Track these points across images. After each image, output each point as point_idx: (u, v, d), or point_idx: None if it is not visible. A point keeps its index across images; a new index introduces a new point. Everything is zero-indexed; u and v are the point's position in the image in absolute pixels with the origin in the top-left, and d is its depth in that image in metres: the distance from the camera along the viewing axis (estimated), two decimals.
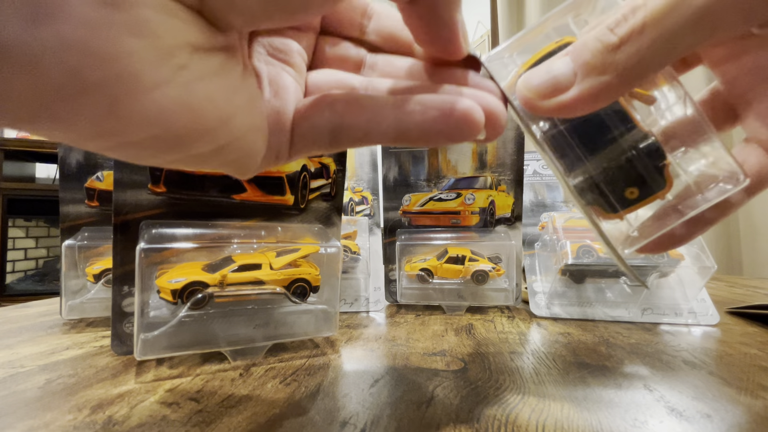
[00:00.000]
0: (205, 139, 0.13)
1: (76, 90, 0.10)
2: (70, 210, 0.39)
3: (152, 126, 0.11)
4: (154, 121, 0.11)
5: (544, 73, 0.15)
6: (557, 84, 0.15)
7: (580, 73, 0.14)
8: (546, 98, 0.15)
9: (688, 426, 0.20)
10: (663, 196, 0.17)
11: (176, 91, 0.11)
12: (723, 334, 0.36)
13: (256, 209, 0.32)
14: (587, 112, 0.15)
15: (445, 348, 0.32)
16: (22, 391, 0.24)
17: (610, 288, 0.44)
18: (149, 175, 0.29)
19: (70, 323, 0.40)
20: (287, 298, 0.31)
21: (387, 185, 0.51)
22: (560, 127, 0.17)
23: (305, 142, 0.15)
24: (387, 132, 0.14)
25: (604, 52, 0.14)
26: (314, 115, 0.15)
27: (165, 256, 0.28)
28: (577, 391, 0.24)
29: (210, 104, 0.12)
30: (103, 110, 0.10)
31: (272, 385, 0.25)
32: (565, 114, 0.15)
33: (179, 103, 0.11)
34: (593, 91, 0.14)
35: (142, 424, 0.20)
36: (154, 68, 0.10)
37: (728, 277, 0.85)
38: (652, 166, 0.17)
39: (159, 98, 0.11)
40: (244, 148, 0.14)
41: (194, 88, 0.12)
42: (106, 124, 0.11)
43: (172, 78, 0.11)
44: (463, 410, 0.21)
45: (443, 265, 0.47)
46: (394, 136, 0.15)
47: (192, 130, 0.12)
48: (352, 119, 0.15)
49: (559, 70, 0.15)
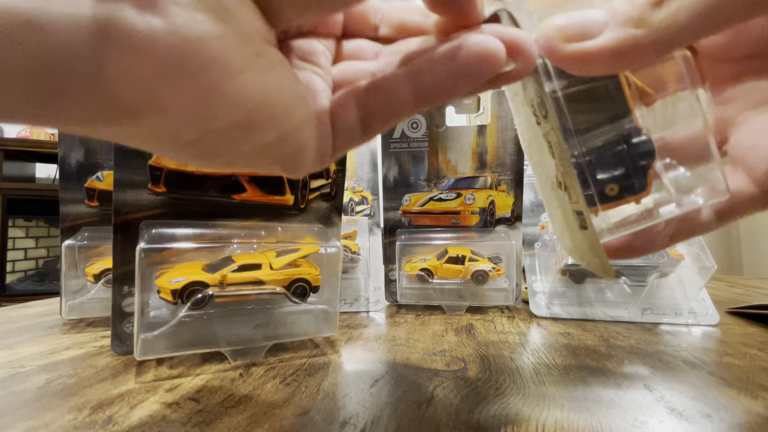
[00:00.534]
0: (275, 126, 0.13)
1: (180, 73, 0.10)
2: (70, 210, 0.39)
3: (236, 111, 0.12)
4: (239, 105, 0.12)
5: (574, 15, 0.14)
6: (586, 27, 0.14)
7: (613, 22, 0.14)
8: (569, 41, 0.14)
9: (688, 426, 0.20)
10: (639, 200, 0.17)
11: (255, 77, 0.12)
12: (723, 334, 0.36)
13: (256, 209, 0.32)
14: (606, 71, 0.14)
15: (445, 348, 0.32)
16: (22, 391, 0.24)
17: (610, 288, 0.44)
18: (149, 175, 0.29)
19: (70, 323, 0.40)
20: (287, 298, 0.31)
21: (387, 185, 0.51)
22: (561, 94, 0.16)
23: (343, 138, 0.16)
24: (407, 101, 0.14)
25: (645, 5, 0.13)
26: (344, 112, 0.15)
27: (165, 256, 0.28)
28: (577, 391, 0.24)
29: (279, 92, 0.13)
30: (200, 94, 0.11)
31: (272, 385, 0.25)
32: (583, 65, 0.14)
33: (257, 89, 0.12)
34: (621, 44, 0.13)
35: (142, 424, 0.20)
36: (238, 53, 0.11)
37: (728, 277, 0.85)
38: (639, 165, 0.16)
39: (243, 83, 0.11)
40: (302, 140, 0.14)
41: (268, 75, 0.12)
42: (200, 109, 0.11)
43: (251, 64, 0.12)
44: (463, 410, 0.21)
45: (443, 265, 0.47)
46: (414, 103, 0.14)
47: (266, 116, 0.12)
48: (373, 103, 0.15)
49: (591, 15, 0.14)
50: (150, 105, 0.11)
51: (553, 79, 0.16)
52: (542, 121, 0.17)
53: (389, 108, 0.15)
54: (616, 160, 0.16)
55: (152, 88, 0.10)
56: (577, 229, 0.17)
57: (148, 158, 0.29)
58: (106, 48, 0.09)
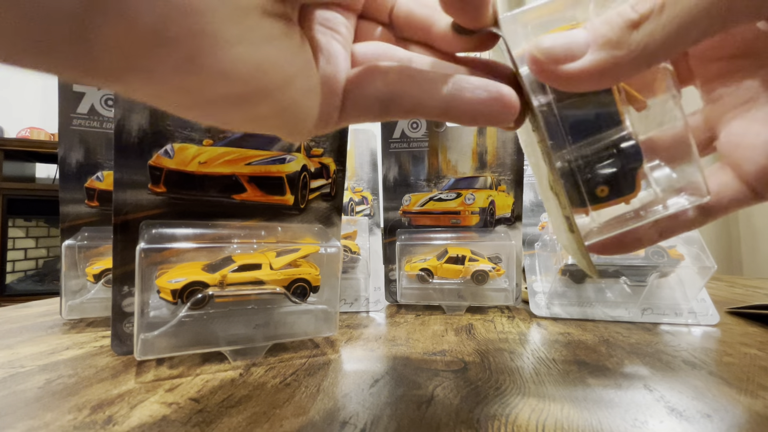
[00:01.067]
0: (270, 99, 0.13)
1: (164, 39, 0.10)
2: (70, 210, 0.39)
3: (226, 82, 0.12)
4: (229, 77, 0.12)
5: (558, 37, 0.15)
6: (569, 50, 0.15)
7: (594, 45, 0.15)
8: (555, 63, 0.15)
9: (688, 426, 0.20)
10: (628, 201, 0.18)
11: (248, 50, 0.12)
12: (723, 334, 0.36)
13: (256, 209, 0.32)
14: (591, 88, 0.15)
15: (445, 348, 0.32)
16: (22, 391, 0.24)
17: (610, 288, 0.44)
18: (149, 175, 0.29)
19: (70, 323, 0.40)
20: (287, 298, 0.31)
21: (387, 185, 0.51)
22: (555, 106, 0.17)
23: (356, 109, 0.16)
24: (436, 106, 0.15)
25: (623, 27, 0.14)
26: (367, 84, 0.16)
27: (165, 256, 0.28)
28: (577, 391, 0.24)
29: (275, 65, 0.13)
30: (186, 63, 0.11)
31: (272, 385, 0.25)
32: (569, 84, 0.15)
33: (250, 62, 0.12)
34: (603, 65, 0.14)
35: (142, 424, 0.20)
36: (230, 26, 0.11)
37: (728, 277, 0.85)
38: (628, 169, 0.17)
39: (234, 55, 0.11)
40: (301, 111, 0.15)
41: (263, 48, 0.12)
42: (187, 78, 0.11)
43: (245, 37, 0.12)
44: (463, 410, 0.21)
45: (443, 265, 0.47)
46: (441, 111, 0.15)
47: (259, 89, 0.13)
48: (405, 90, 0.15)
49: (574, 37, 0.15)
50: (134, 71, 0.11)
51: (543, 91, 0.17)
52: (535, 130, 0.17)
53: (419, 104, 0.15)
54: (607, 164, 0.17)
55: (136, 55, 0.10)
56: (567, 231, 0.18)
57: (148, 158, 0.29)
58: (92, 10, 0.09)
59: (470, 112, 0.15)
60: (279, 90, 0.13)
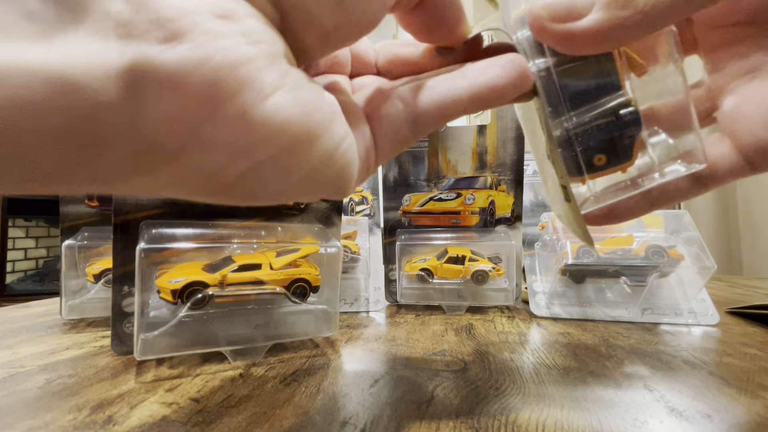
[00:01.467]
0: (317, 146, 0.13)
1: (216, 102, 0.10)
2: (70, 210, 0.39)
3: (277, 134, 0.11)
4: (279, 127, 0.11)
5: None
6: (573, 8, 0.14)
7: (599, 3, 0.14)
8: (557, 21, 0.14)
9: (688, 426, 0.20)
10: (625, 169, 0.17)
11: (288, 96, 0.11)
12: (723, 334, 0.36)
13: (256, 209, 0.32)
14: (593, 51, 0.15)
15: (445, 348, 0.32)
16: (22, 391, 0.24)
17: (610, 288, 0.44)
18: None
19: (70, 323, 0.40)
20: (287, 298, 0.31)
21: (387, 185, 0.51)
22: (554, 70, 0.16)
23: (388, 139, 0.16)
24: (462, 99, 0.15)
25: None
26: (387, 109, 0.15)
27: (165, 256, 0.28)
28: (577, 391, 0.24)
29: (313, 109, 0.12)
30: (238, 120, 0.10)
31: (272, 385, 0.25)
32: (571, 45, 0.14)
33: (293, 108, 0.12)
34: (607, 24, 0.14)
35: (142, 424, 0.20)
36: (268, 73, 0.11)
37: (728, 277, 0.85)
38: (627, 136, 0.17)
39: (278, 103, 0.11)
40: (347, 155, 0.14)
41: (299, 93, 0.12)
42: (241, 137, 0.11)
43: (282, 82, 0.11)
44: (463, 410, 0.21)
45: (443, 265, 0.47)
46: (468, 102, 0.15)
47: (306, 136, 0.12)
48: (426, 99, 0.15)
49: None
50: (190, 142, 0.10)
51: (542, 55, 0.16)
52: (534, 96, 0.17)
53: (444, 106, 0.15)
54: (605, 132, 0.17)
55: (190, 122, 0.10)
56: (563, 201, 0.18)
57: None
58: (138, 89, 0.09)
59: (495, 89, 0.15)
60: (324, 134, 0.13)
